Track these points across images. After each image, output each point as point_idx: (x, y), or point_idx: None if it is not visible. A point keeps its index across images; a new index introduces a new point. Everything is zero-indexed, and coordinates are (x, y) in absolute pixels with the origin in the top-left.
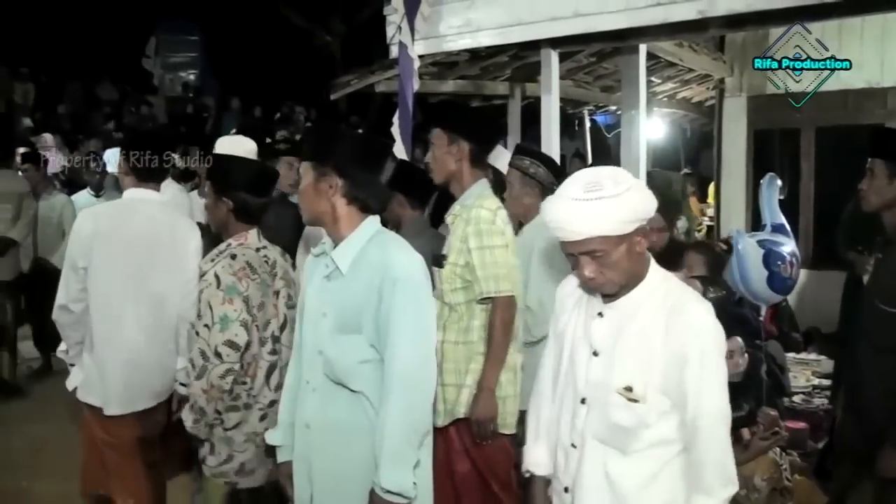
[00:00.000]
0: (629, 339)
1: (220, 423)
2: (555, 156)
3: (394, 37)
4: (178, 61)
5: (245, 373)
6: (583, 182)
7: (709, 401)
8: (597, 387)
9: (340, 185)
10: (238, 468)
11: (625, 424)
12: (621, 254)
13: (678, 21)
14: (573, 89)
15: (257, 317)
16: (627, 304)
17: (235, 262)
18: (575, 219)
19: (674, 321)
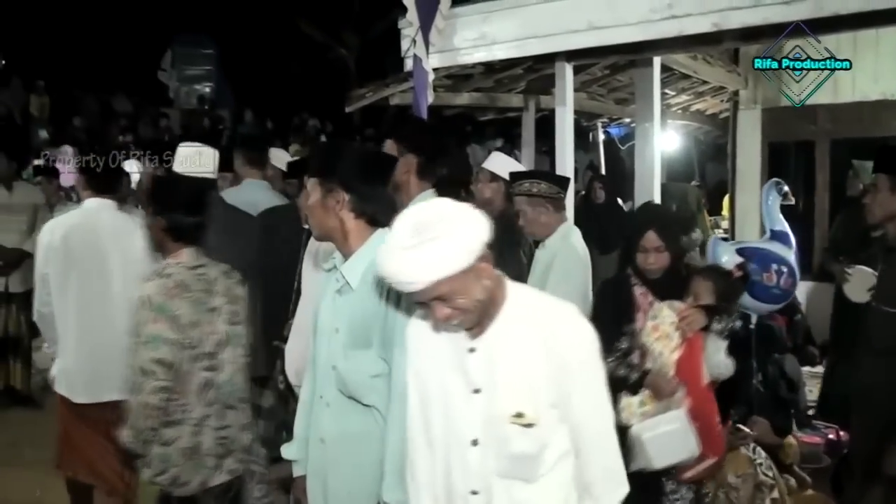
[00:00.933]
0: (509, 367)
1: (157, 440)
2: (568, 168)
3: (408, 50)
4: (194, 74)
5: (176, 389)
6: (409, 227)
7: (592, 406)
8: (487, 423)
9: (347, 200)
10: (171, 481)
11: (528, 452)
12: (470, 288)
13: (692, 34)
14: (587, 101)
15: (189, 335)
16: (497, 330)
17: (168, 281)
18: (410, 270)
19: (549, 336)
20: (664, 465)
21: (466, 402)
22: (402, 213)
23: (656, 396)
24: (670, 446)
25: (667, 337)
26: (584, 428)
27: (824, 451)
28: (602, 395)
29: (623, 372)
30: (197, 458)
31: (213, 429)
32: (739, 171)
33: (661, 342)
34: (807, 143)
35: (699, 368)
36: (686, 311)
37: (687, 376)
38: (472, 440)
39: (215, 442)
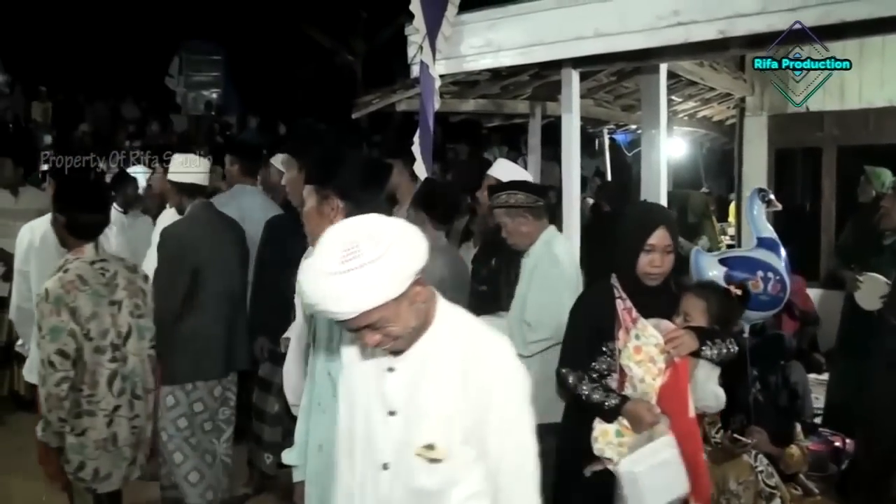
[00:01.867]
0: (426, 392)
1: (70, 431)
2: (575, 175)
3: (415, 56)
4: (201, 80)
5: (82, 380)
6: (339, 250)
7: (513, 447)
8: (398, 449)
9: (342, 208)
10: (93, 475)
11: (432, 488)
12: (402, 314)
13: (699, 41)
14: (594, 108)
15: (88, 327)
16: (419, 352)
17: (67, 275)
18: (339, 297)
19: (472, 364)
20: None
21: (383, 423)
22: (330, 231)
23: (635, 427)
24: (666, 480)
25: (651, 360)
26: (502, 469)
27: (830, 460)
28: (526, 436)
29: (598, 396)
30: (114, 450)
31: (126, 419)
32: (746, 177)
33: (644, 366)
34: (813, 149)
35: (685, 398)
36: (674, 333)
37: (670, 407)
38: (384, 464)
39: (129, 432)
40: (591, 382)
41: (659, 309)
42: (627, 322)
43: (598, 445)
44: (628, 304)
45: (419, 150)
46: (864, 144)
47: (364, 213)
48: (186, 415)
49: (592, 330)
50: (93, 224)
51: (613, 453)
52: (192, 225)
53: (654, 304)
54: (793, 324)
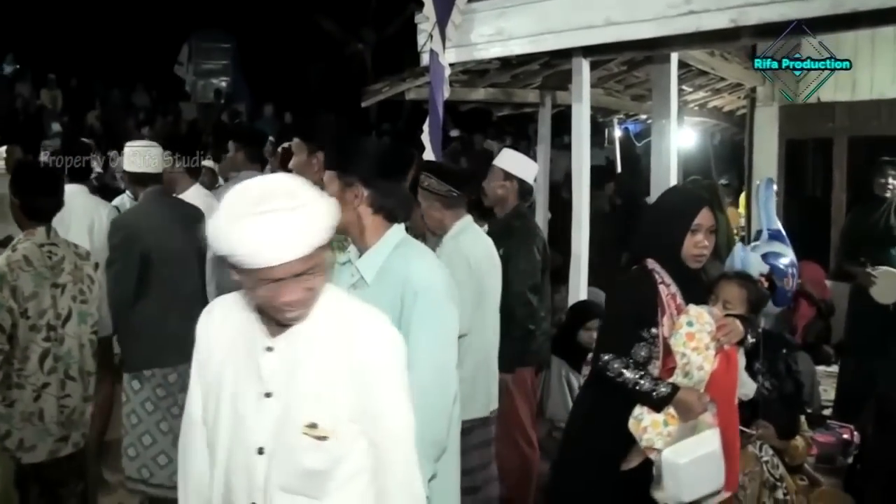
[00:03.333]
0: (307, 371)
1: (1, 401)
2: (585, 165)
3: (425, 45)
4: (211, 68)
5: (13, 355)
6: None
7: (394, 418)
8: (277, 432)
9: (366, 196)
10: (18, 444)
11: (318, 467)
12: (322, 268)
13: (710, 30)
14: (604, 98)
15: (26, 306)
16: (300, 330)
17: (14, 254)
18: (279, 237)
19: (352, 340)
20: (694, 498)
21: (257, 405)
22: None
23: (683, 416)
24: (706, 474)
25: (706, 348)
26: (383, 442)
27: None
28: (404, 407)
29: (648, 385)
30: (41, 425)
31: (54, 397)
32: (756, 168)
33: (702, 353)
34: (824, 140)
35: (734, 387)
36: (725, 321)
37: (719, 395)
38: (258, 448)
39: (57, 410)
40: (636, 369)
41: (696, 295)
42: (672, 308)
43: (646, 436)
44: (673, 289)
45: (428, 139)
46: (876, 136)
47: (388, 201)
48: (152, 399)
49: (633, 316)
50: (45, 208)
51: (661, 443)
52: (142, 213)
53: (693, 290)
54: (808, 313)
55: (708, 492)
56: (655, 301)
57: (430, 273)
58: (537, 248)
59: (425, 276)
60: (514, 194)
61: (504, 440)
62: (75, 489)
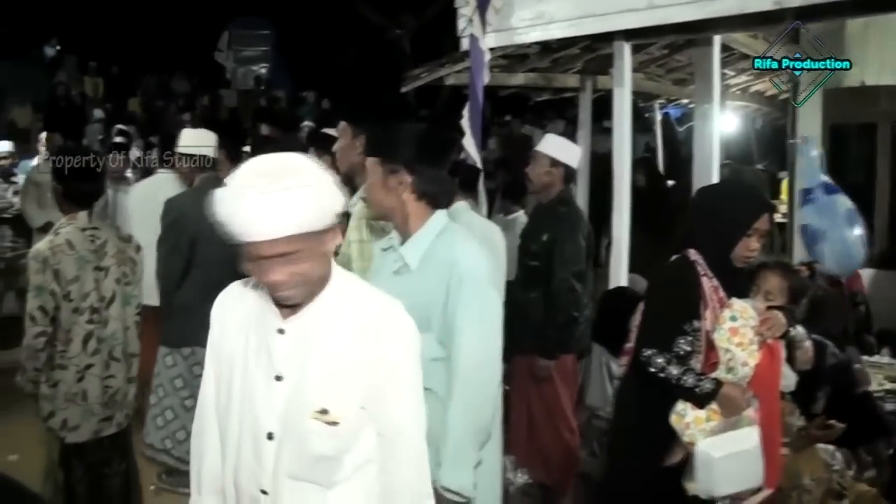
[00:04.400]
0: (319, 355)
1: (45, 381)
2: (626, 151)
3: (465, 29)
4: (250, 55)
5: (57, 337)
6: (265, 172)
7: (406, 411)
8: (286, 416)
9: (410, 182)
10: (62, 424)
11: (327, 453)
12: (315, 254)
13: (754, 12)
14: (645, 82)
15: (69, 289)
16: (313, 314)
17: (57, 238)
18: (268, 214)
19: (370, 329)
20: (727, 493)
21: (267, 389)
22: (250, 161)
23: (727, 412)
24: (740, 470)
25: (750, 342)
26: (394, 433)
27: None
28: (417, 401)
29: (691, 380)
30: (84, 405)
31: (98, 378)
32: None
33: (746, 349)
34: (868, 125)
35: (777, 381)
36: (768, 314)
37: (762, 390)
38: (268, 433)
39: (101, 390)
40: (679, 364)
41: (738, 288)
42: (715, 301)
43: (689, 432)
44: (715, 282)
45: (468, 125)
46: None
47: (431, 186)
48: (184, 377)
49: (675, 309)
50: (86, 193)
51: (703, 438)
52: (193, 197)
53: (735, 283)
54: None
55: (743, 488)
56: (698, 294)
57: (475, 259)
58: (582, 235)
59: (470, 262)
60: (560, 180)
61: (546, 427)
62: (119, 468)
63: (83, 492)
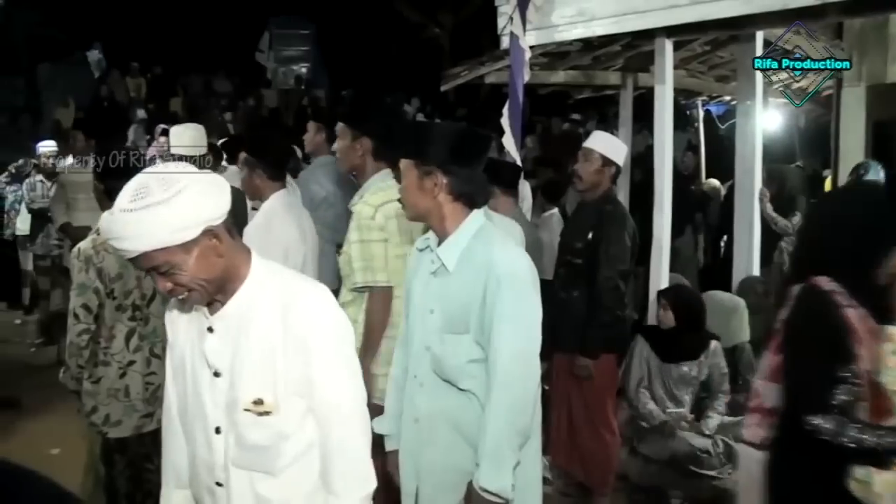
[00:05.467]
0: (248, 349)
1: (88, 377)
2: (668, 148)
3: (505, 27)
4: (291, 55)
5: (100, 334)
6: (131, 189)
7: (336, 391)
8: (227, 410)
9: (445, 183)
10: (104, 419)
11: (262, 443)
12: (195, 262)
13: (797, 7)
14: (686, 79)
15: (112, 287)
16: (235, 310)
17: (100, 237)
18: (124, 233)
19: (290, 315)
20: None
21: (210, 385)
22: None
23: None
24: None
25: None
26: (325, 416)
27: None
28: (347, 380)
29: (872, 439)
30: (126, 401)
31: (139, 374)
32: (843, 151)
33: None
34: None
35: None
36: None
37: None
38: (216, 427)
39: (143, 387)
40: (854, 424)
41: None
42: (867, 335)
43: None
44: (861, 310)
45: (508, 123)
46: None
47: (467, 187)
48: None
49: (821, 354)
50: None
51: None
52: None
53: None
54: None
55: None
56: (846, 330)
57: (513, 260)
58: (628, 234)
59: (509, 263)
60: (609, 178)
61: (586, 427)
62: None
63: (124, 486)
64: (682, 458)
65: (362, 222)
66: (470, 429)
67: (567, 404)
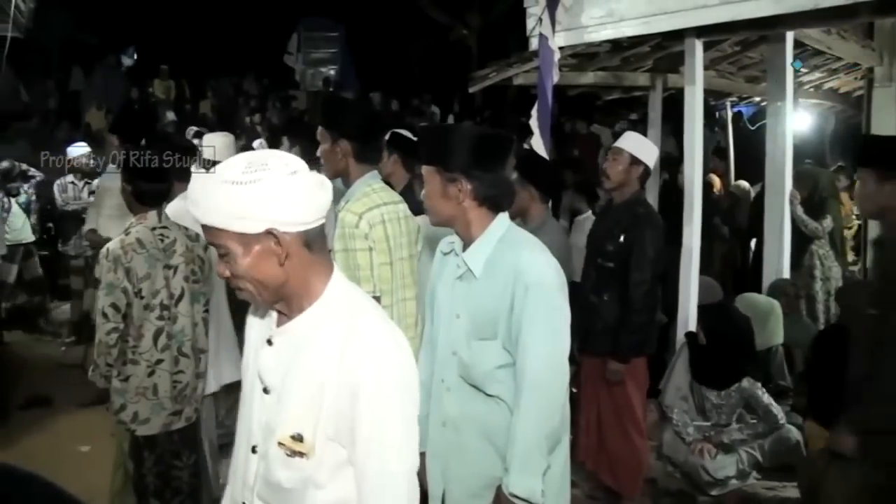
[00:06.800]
0: (298, 372)
1: (116, 375)
2: (697, 150)
3: (534, 29)
4: (320, 57)
5: (128, 333)
6: (232, 159)
7: (380, 452)
8: (265, 433)
9: (470, 189)
10: (132, 417)
11: (286, 485)
12: (252, 259)
13: (828, 7)
14: (716, 80)
15: (140, 286)
16: (300, 327)
17: (128, 237)
18: (194, 196)
19: (347, 352)
20: None
21: (259, 400)
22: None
23: None
24: None
25: None
26: (365, 476)
27: None
28: (395, 441)
29: None
30: (155, 399)
31: (167, 373)
32: None
33: None
34: None
35: None
36: None
37: None
38: (253, 446)
39: (170, 385)
40: None
41: None
42: None
43: None
44: None
45: (537, 125)
46: None
47: (492, 191)
48: None
49: None
50: (155, 192)
51: None
52: None
53: None
54: None
55: None
56: None
57: (541, 266)
58: (659, 237)
59: (537, 269)
60: (637, 179)
61: (615, 430)
62: (187, 461)
63: (152, 483)
64: (693, 474)
65: (346, 231)
66: (498, 434)
67: (596, 407)
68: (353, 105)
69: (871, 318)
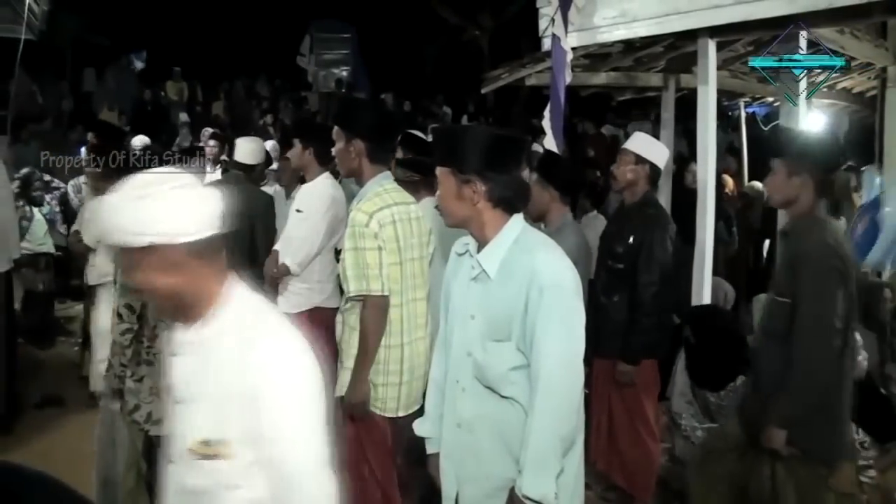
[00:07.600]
0: (202, 381)
1: (130, 376)
2: (711, 150)
3: (546, 29)
4: (332, 58)
5: (143, 333)
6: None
7: (285, 451)
8: (179, 441)
9: (484, 191)
10: (146, 417)
11: (198, 487)
12: (141, 272)
13: (841, 6)
14: (729, 80)
15: None
16: (199, 338)
17: None
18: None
19: (248, 352)
20: None
21: (176, 411)
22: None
23: None
24: None
25: None
26: (274, 476)
27: None
28: (300, 440)
29: None
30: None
31: None
32: (887, 153)
33: None
34: None
35: None
36: None
37: None
38: (170, 457)
39: None
40: None
41: None
42: None
43: None
44: None
45: (549, 125)
46: None
47: (507, 192)
48: None
49: None
50: None
51: None
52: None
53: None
54: None
55: None
56: None
57: (556, 268)
58: (669, 238)
59: (552, 271)
60: (645, 179)
61: (627, 432)
62: None
63: None
64: None
65: (356, 230)
66: (512, 436)
67: (608, 409)
68: (367, 105)
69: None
